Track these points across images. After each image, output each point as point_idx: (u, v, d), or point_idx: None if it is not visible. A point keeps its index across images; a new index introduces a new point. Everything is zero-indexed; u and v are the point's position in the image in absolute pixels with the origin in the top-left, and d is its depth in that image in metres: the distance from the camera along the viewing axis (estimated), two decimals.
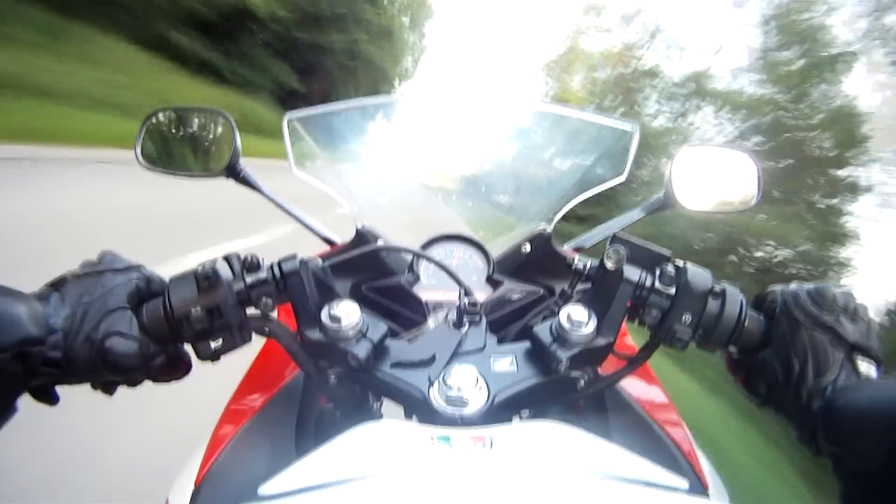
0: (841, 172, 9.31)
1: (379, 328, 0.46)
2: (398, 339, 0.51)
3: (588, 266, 0.53)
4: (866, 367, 0.41)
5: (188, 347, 0.45)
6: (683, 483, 0.33)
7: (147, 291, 0.44)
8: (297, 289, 0.45)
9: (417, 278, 0.76)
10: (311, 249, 0.66)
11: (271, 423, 0.52)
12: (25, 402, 0.39)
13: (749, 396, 0.47)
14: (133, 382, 0.44)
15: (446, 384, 0.43)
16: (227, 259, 0.45)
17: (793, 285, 0.46)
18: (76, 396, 0.45)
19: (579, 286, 0.60)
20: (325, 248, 0.84)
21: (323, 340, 0.45)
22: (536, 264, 0.77)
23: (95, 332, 0.39)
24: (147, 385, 0.45)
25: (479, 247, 0.80)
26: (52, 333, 0.38)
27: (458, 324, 0.50)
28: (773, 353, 0.44)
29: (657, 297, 0.46)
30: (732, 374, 0.49)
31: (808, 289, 0.44)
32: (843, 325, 0.42)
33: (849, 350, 0.41)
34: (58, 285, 0.41)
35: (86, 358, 0.39)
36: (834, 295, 0.43)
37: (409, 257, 0.78)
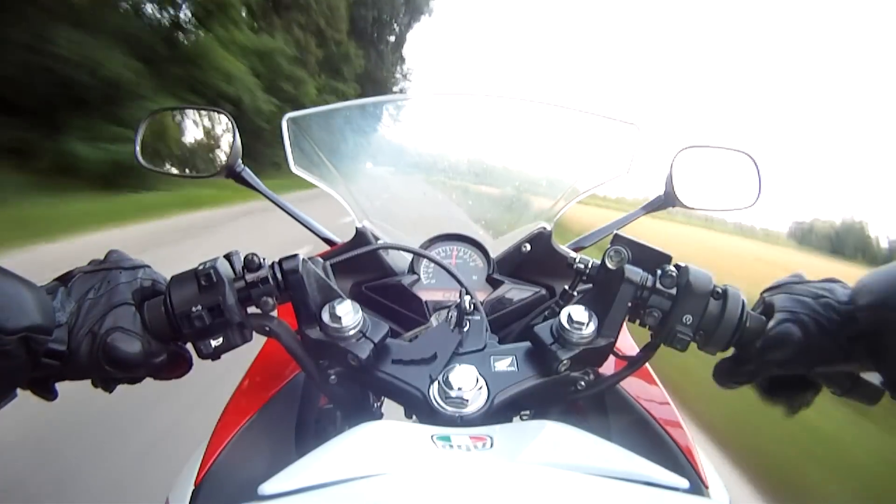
0: None
1: (379, 328, 0.46)
2: (399, 339, 0.51)
3: (589, 266, 0.53)
4: None
5: (189, 345, 0.45)
6: (684, 482, 0.33)
7: (151, 290, 0.44)
8: (298, 288, 0.45)
9: (418, 278, 0.76)
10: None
11: (271, 423, 0.52)
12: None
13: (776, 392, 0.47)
14: (134, 379, 0.44)
15: (446, 384, 0.43)
16: (227, 258, 0.45)
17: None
18: None
19: (580, 286, 0.60)
20: (326, 247, 0.84)
21: (323, 340, 0.45)
22: (537, 264, 0.77)
23: (99, 327, 0.39)
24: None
25: (479, 246, 0.80)
26: (57, 326, 0.38)
27: (459, 324, 0.50)
28: (780, 318, 0.43)
29: (658, 298, 0.46)
30: (734, 378, 0.47)
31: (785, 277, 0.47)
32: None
33: (842, 283, 0.44)
34: (65, 280, 0.42)
35: (88, 352, 0.39)
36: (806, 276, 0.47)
37: (409, 257, 0.78)
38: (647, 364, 0.53)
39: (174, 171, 0.83)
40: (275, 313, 0.47)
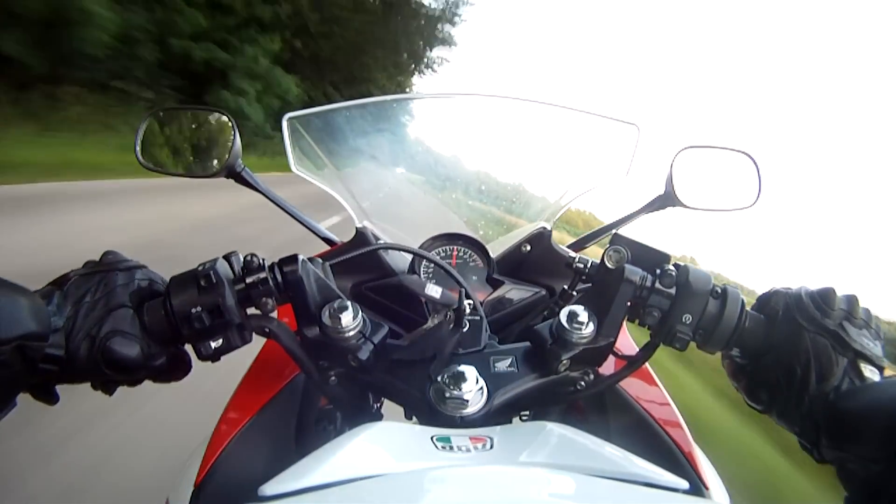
0: None
1: (379, 328, 0.46)
2: (398, 340, 0.51)
3: (588, 266, 0.53)
4: (870, 373, 0.40)
5: (188, 347, 0.45)
6: (683, 483, 0.33)
7: (149, 291, 0.44)
8: (298, 289, 0.45)
9: (418, 278, 0.76)
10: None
11: (271, 423, 0.52)
12: None
13: (751, 403, 0.46)
14: (133, 382, 0.43)
15: (446, 385, 0.43)
16: (227, 259, 0.45)
17: (795, 288, 0.45)
18: None
19: (580, 286, 0.60)
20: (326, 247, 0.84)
21: (323, 340, 0.45)
22: (536, 264, 0.77)
23: (97, 330, 0.39)
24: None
25: (480, 246, 0.80)
26: (54, 331, 0.38)
27: (458, 324, 0.50)
28: (775, 358, 0.43)
29: (658, 298, 0.46)
30: (734, 381, 0.48)
31: (812, 292, 0.44)
32: (846, 331, 0.41)
33: (852, 356, 0.41)
34: (61, 283, 0.41)
35: (86, 356, 0.39)
36: (837, 298, 0.43)
37: (409, 257, 0.78)
38: (646, 364, 0.53)
39: (174, 170, 0.83)
40: (275, 314, 0.47)
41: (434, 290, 0.69)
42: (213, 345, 0.43)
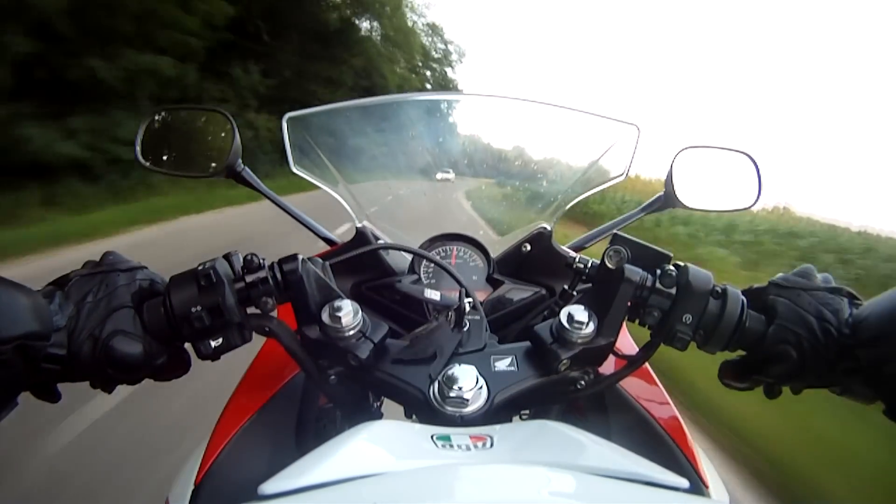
0: None
1: (379, 328, 0.46)
2: (398, 339, 0.51)
3: (589, 266, 0.53)
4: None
5: (189, 346, 0.45)
6: (683, 482, 0.33)
7: (150, 291, 0.44)
8: (298, 288, 0.45)
9: (418, 278, 0.76)
10: None
11: (271, 423, 0.52)
12: None
13: (773, 389, 0.46)
14: (133, 381, 0.44)
15: (446, 384, 0.43)
16: (227, 258, 0.45)
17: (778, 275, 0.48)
18: None
19: (580, 286, 0.60)
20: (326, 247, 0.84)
21: (323, 340, 0.45)
22: (537, 264, 0.77)
23: (99, 330, 0.39)
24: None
25: (480, 246, 0.80)
26: (56, 331, 0.38)
27: (459, 324, 0.50)
28: (779, 333, 0.43)
29: (658, 298, 0.46)
30: (737, 382, 0.48)
31: (793, 270, 0.47)
32: (835, 285, 0.45)
33: (849, 296, 0.44)
34: (62, 284, 0.41)
35: (89, 355, 0.39)
36: (816, 272, 0.46)
37: (409, 257, 0.78)
38: (646, 364, 0.53)
39: (174, 170, 0.83)
40: (274, 313, 0.47)
41: (433, 294, 0.69)
42: (213, 344, 0.43)
